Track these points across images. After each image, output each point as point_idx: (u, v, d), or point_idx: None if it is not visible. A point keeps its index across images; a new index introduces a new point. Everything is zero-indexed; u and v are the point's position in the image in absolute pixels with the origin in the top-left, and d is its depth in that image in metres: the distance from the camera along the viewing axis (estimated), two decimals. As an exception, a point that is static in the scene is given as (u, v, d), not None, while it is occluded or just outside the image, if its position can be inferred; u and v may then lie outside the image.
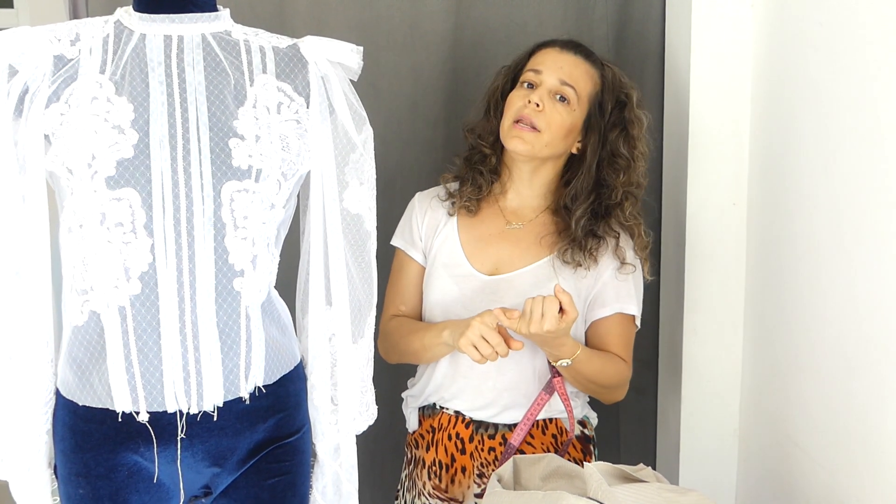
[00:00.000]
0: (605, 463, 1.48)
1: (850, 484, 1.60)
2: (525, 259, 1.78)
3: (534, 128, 1.73)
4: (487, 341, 1.62)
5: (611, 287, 1.77)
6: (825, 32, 1.64)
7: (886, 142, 1.46)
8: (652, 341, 2.24)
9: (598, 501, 1.35)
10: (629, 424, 2.30)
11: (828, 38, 1.63)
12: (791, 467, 1.82)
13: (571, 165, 1.82)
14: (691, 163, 2.01)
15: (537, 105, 1.72)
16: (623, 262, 1.77)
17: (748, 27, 1.93)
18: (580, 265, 1.75)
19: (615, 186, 1.77)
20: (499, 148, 1.82)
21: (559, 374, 1.74)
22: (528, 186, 1.83)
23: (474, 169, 1.84)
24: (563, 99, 1.75)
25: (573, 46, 1.79)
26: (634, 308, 1.79)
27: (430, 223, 1.86)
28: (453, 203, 1.84)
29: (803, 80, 1.73)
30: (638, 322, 1.82)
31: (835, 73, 1.61)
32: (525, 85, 1.77)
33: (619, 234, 1.78)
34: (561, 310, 1.59)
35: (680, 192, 2.06)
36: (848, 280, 1.58)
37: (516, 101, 1.76)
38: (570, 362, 1.68)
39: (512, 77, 1.83)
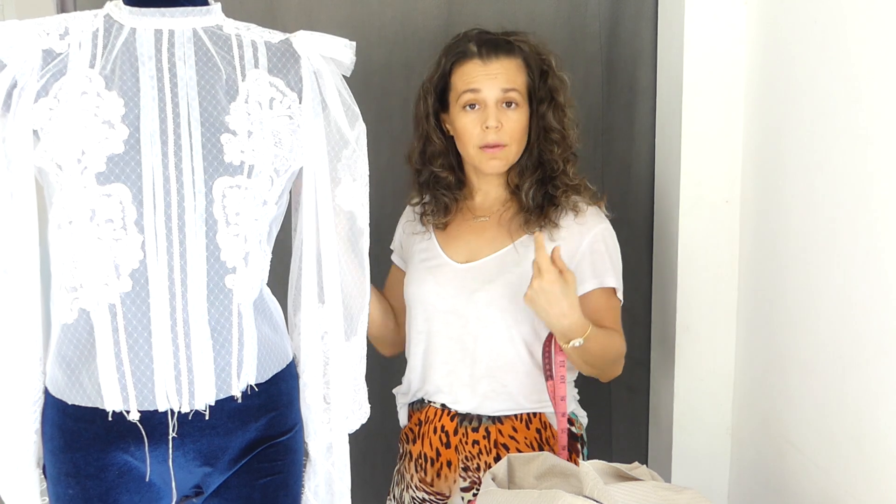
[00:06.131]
0: (601, 461, 1.47)
1: (844, 482, 1.60)
2: (493, 246, 1.80)
3: (502, 145, 1.74)
4: None
5: (587, 263, 1.77)
6: (819, 30, 1.64)
7: (880, 140, 1.45)
8: (644, 339, 2.23)
9: (594, 500, 1.35)
10: (621, 423, 2.30)
11: (822, 36, 1.63)
12: (784, 465, 1.82)
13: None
14: (684, 160, 2.00)
15: (496, 127, 1.73)
16: (575, 209, 1.78)
17: (741, 24, 1.93)
18: (542, 230, 1.76)
19: (554, 159, 1.78)
20: (456, 164, 1.84)
21: (552, 378, 1.73)
22: (494, 185, 1.85)
23: (436, 190, 1.86)
24: (509, 104, 1.75)
25: (492, 49, 1.75)
26: (613, 280, 1.78)
27: (409, 232, 1.92)
28: (423, 219, 1.88)
29: (797, 77, 1.73)
30: (620, 295, 1.81)
31: (829, 71, 1.61)
32: (467, 107, 1.76)
33: (567, 190, 1.79)
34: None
35: (672, 189, 2.05)
36: (841, 278, 1.58)
37: (470, 128, 1.75)
38: (582, 341, 1.66)
39: (438, 95, 1.81)
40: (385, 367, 1.93)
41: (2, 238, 1.38)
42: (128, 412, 1.39)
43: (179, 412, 1.41)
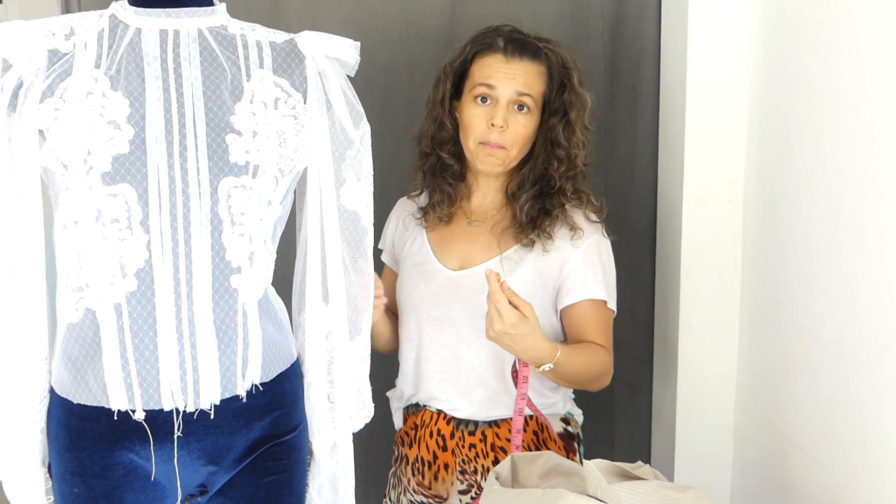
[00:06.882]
0: (604, 460, 1.47)
1: (847, 481, 1.60)
2: (485, 254, 1.79)
3: (502, 146, 1.73)
4: None
5: (577, 273, 1.75)
6: (823, 30, 1.64)
7: (883, 139, 1.45)
8: (647, 338, 2.23)
9: (598, 499, 1.35)
10: (623, 422, 2.30)
11: (826, 36, 1.63)
12: (787, 465, 1.82)
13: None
14: (687, 160, 2.00)
15: (501, 126, 1.71)
16: (573, 228, 1.76)
17: (745, 24, 1.93)
18: (534, 244, 1.75)
19: (555, 177, 1.76)
20: (460, 153, 1.82)
21: (523, 392, 1.71)
22: (493, 188, 1.84)
23: (441, 179, 1.84)
24: (521, 107, 1.73)
25: (518, 49, 1.74)
26: (603, 293, 1.76)
27: (402, 229, 1.91)
28: (426, 217, 1.86)
29: (800, 77, 1.73)
30: (613, 306, 1.78)
31: (832, 70, 1.61)
32: (479, 100, 1.74)
33: (564, 204, 1.77)
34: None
35: (676, 188, 2.05)
36: (844, 277, 1.58)
37: (476, 122, 1.74)
38: (552, 366, 1.64)
39: (455, 80, 1.80)
40: (389, 366, 1.93)
41: (8, 238, 1.38)
42: (133, 411, 1.39)
43: (185, 411, 1.41)
